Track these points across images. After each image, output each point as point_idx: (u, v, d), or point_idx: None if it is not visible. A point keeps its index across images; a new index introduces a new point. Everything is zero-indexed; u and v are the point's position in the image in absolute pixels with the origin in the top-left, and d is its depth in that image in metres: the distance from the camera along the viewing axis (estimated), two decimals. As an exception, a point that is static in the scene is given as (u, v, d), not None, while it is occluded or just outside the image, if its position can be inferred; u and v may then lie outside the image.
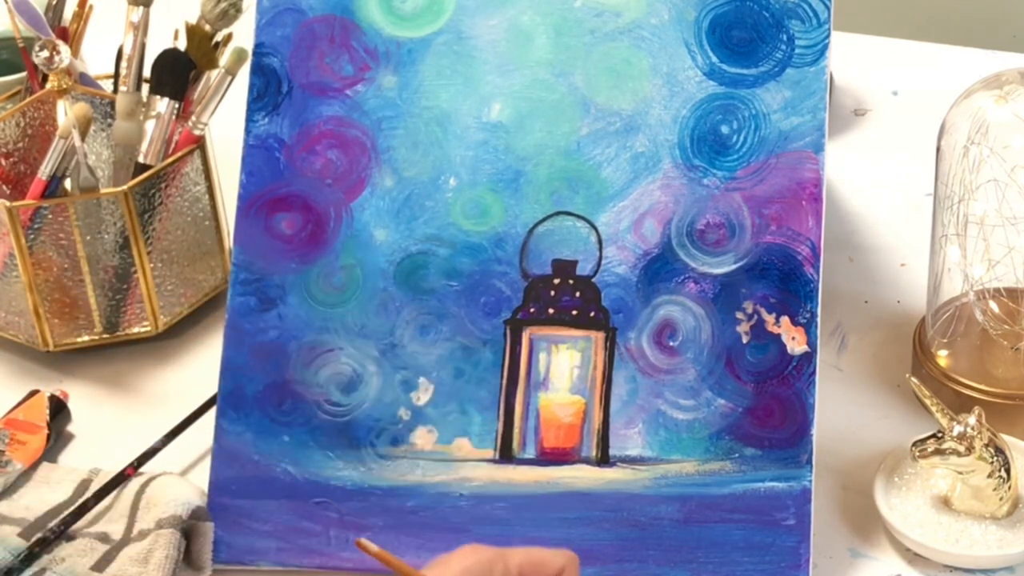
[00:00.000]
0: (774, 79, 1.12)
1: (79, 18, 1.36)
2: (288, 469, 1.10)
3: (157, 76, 1.26)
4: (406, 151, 1.14)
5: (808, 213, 1.10)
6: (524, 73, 1.14)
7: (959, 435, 1.05)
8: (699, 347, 1.09)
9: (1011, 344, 1.17)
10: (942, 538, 1.06)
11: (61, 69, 1.25)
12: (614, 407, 1.09)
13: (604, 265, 1.11)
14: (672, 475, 1.07)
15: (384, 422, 1.10)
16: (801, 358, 1.08)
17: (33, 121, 1.31)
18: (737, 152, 1.11)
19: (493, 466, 1.09)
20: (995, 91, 1.13)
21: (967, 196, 1.14)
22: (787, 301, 1.09)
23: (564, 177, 1.13)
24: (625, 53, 1.14)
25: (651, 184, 1.12)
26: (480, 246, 1.12)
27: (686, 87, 1.12)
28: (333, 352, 1.12)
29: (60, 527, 1.09)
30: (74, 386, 1.23)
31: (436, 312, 1.11)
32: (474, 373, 1.10)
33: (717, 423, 1.08)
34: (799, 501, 1.05)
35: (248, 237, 1.13)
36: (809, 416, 1.07)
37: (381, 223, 1.13)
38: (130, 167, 1.26)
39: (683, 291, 1.10)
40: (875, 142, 1.49)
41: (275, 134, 1.15)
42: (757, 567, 1.04)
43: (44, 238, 1.23)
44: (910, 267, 1.32)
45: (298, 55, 1.16)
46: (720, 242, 1.11)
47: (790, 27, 1.12)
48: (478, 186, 1.13)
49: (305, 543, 1.08)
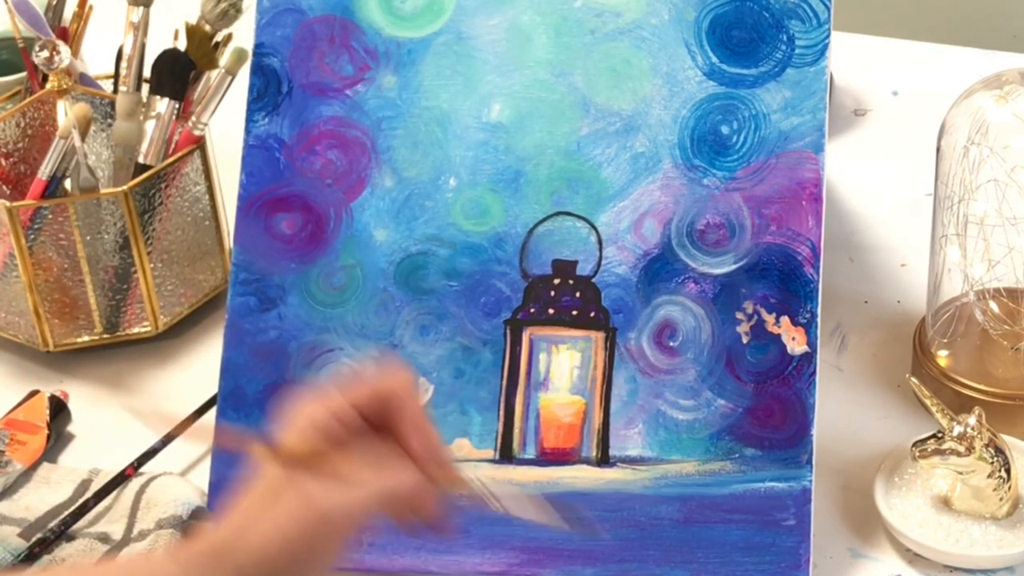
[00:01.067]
0: (774, 79, 1.12)
1: (79, 18, 1.36)
2: (288, 469, 1.10)
3: (157, 76, 1.26)
4: (406, 151, 1.14)
5: (808, 213, 1.10)
6: (524, 73, 1.14)
7: (959, 435, 1.05)
8: (699, 347, 1.09)
9: (1011, 344, 1.17)
10: (942, 538, 1.06)
11: (61, 69, 1.25)
12: (614, 407, 1.09)
13: (604, 265, 1.11)
14: (672, 475, 1.07)
15: (384, 422, 1.10)
16: (801, 358, 1.08)
17: (33, 121, 1.31)
18: (737, 152, 1.11)
19: (493, 466, 1.09)
20: (995, 91, 1.13)
21: (967, 196, 1.14)
22: (787, 301, 1.09)
23: (564, 177, 1.13)
24: (625, 53, 1.13)
25: (651, 184, 1.12)
26: (480, 246, 1.12)
27: (686, 87, 1.12)
28: (333, 352, 1.11)
29: (60, 527, 1.09)
30: (74, 386, 1.23)
31: (436, 312, 1.11)
32: (474, 373, 1.10)
33: (717, 423, 1.08)
34: (799, 501, 1.05)
35: (248, 237, 1.13)
36: (809, 416, 1.07)
37: (381, 223, 1.13)
38: (130, 167, 1.26)
39: (683, 291, 1.10)
40: (875, 142, 1.49)
41: (275, 134, 1.15)
42: (757, 567, 1.04)
43: (44, 238, 1.23)
44: (910, 267, 1.32)
45: (298, 55, 1.16)
46: (720, 242, 1.11)
47: (790, 27, 1.12)
48: (478, 186, 1.13)
49: (305, 543, 1.08)
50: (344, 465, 0.80)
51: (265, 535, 0.78)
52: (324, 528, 0.79)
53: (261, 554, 0.77)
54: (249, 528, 0.78)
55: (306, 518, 0.78)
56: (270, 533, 0.78)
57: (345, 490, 0.79)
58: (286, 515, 0.79)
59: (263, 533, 0.78)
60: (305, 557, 0.78)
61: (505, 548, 1.06)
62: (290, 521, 0.78)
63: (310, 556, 0.78)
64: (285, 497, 0.79)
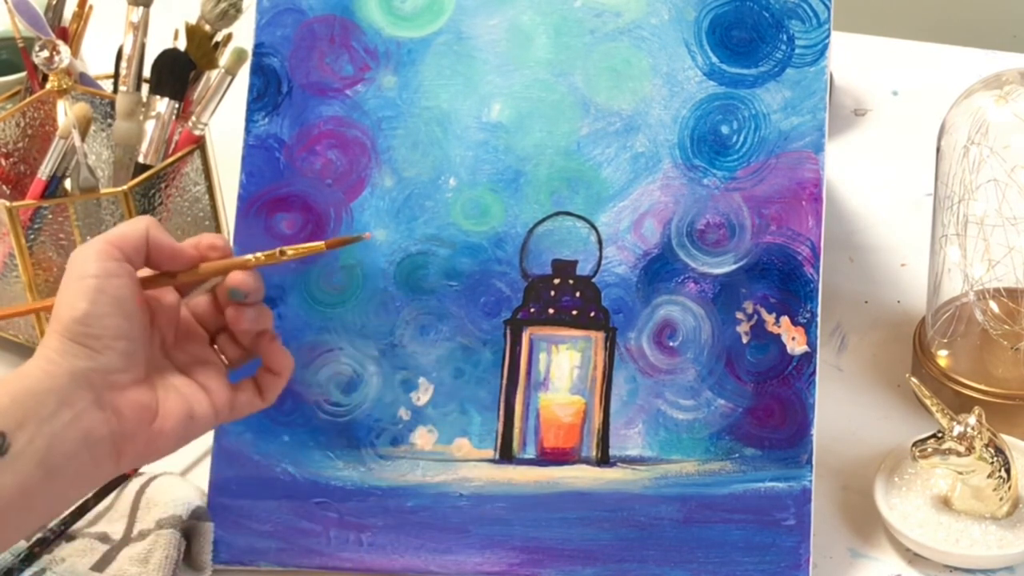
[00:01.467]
0: (774, 79, 1.12)
1: (79, 18, 1.36)
2: (288, 469, 1.10)
3: (157, 76, 1.26)
4: (406, 151, 1.14)
5: (808, 213, 1.10)
6: (524, 73, 1.14)
7: (959, 435, 1.05)
8: (699, 347, 1.09)
9: (1011, 344, 1.17)
10: (942, 538, 1.06)
11: (61, 69, 1.25)
12: (614, 407, 1.09)
13: (604, 265, 1.11)
14: (672, 475, 1.07)
15: (384, 422, 1.10)
16: (801, 358, 1.08)
17: (33, 121, 1.31)
18: (737, 152, 1.11)
19: (493, 466, 1.09)
20: (995, 91, 1.13)
21: (967, 196, 1.14)
22: (787, 301, 1.09)
23: (564, 177, 1.13)
24: (625, 53, 1.14)
25: (651, 184, 1.12)
26: (480, 246, 1.12)
27: (686, 87, 1.12)
28: (333, 352, 1.12)
29: (60, 527, 1.09)
30: (74, 386, 1.23)
31: (436, 312, 1.11)
32: (474, 373, 1.10)
33: (717, 423, 1.08)
34: (799, 501, 1.05)
35: (248, 237, 1.13)
36: (809, 416, 1.07)
37: (381, 223, 1.13)
38: (130, 167, 1.26)
39: (683, 291, 1.10)
40: (875, 142, 1.49)
41: (275, 134, 1.15)
42: (757, 567, 1.04)
43: (44, 238, 1.23)
44: (910, 267, 1.32)
45: (298, 55, 1.16)
46: (720, 242, 1.11)
47: (790, 27, 1.12)
48: (478, 186, 1.13)
49: (305, 543, 1.08)
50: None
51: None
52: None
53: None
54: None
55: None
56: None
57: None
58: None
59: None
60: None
61: (505, 548, 1.07)
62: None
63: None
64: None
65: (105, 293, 0.93)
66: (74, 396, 0.91)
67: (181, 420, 0.96)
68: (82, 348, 0.92)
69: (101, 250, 0.95)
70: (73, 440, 0.91)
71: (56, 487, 0.91)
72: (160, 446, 0.96)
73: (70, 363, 0.91)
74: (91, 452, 0.92)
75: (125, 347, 0.94)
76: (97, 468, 0.93)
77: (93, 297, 0.93)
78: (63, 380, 0.91)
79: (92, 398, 0.92)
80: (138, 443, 0.94)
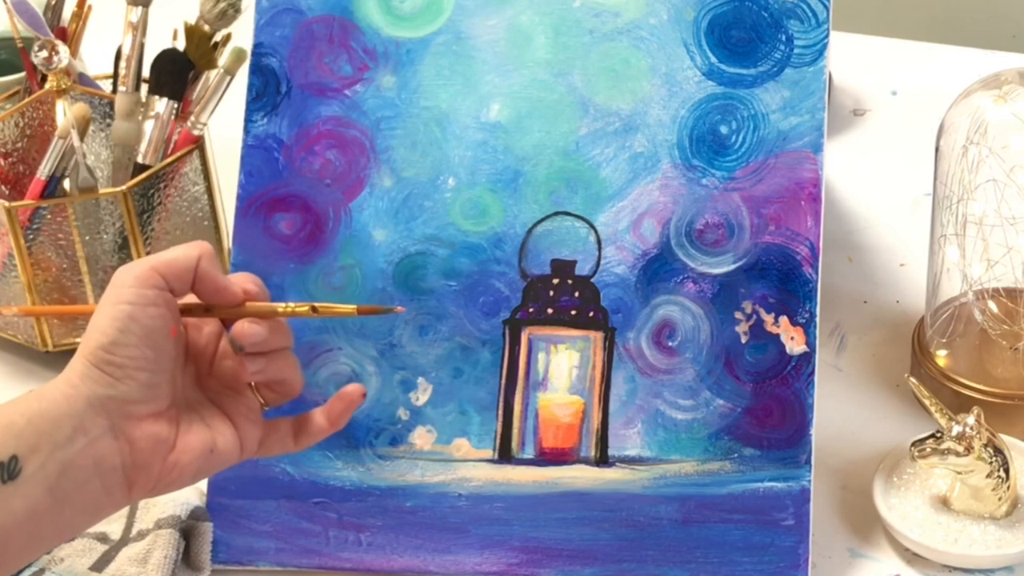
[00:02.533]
0: (773, 79, 1.12)
1: (78, 18, 1.36)
2: (287, 469, 1.10)
3: (156, 76, 1.26)
4: (405, 151, 1.14)
5: (807, 213, 1.10)
6: (523, 73, 1.14)
7: (958, 435, 1.05)
8: (698, 347, 1.09)
9: (1010, 344, 1.17)
10: (941, 538, 1.06)
11: (60, 69, 1.25)
12: (613, 407, 1.09)
13: (603, 265, 1.11)
14: (671, 475, 1.07)
15: (383, 422, 1.10)
16: (800, 358, 1.08)
17: (32, 121, 1.31)
18: (736, 152, 1.11)
19: (492, 466, 1.09)
20: (994, 91, 1.13)
21: (966, 196, 1.14)
22: (786, 301, 1.09)
23: (563, 177, 1.13)
24: (624, 53, 1.14)
25: (650, 184, 1.12)
26: (479, 246, 1.12)
27: (685, 87, 1.12)
28: (332, 352, 1.11)
29: (59, 527, 1.09)
30: (73, 386, 1.23)
31: (435, 312, 1.11)
32: (473, 373, 1.10)
33: (716, 423, 1.08)
34: (798, 501, 1.05)
35: (247, 237, 1.13)
36: (808, 416, 1.07)
37: (380, 223, 1.13)
38: (129, 167, 1.26)
39: (682, 291, 1.10)
40: (874, 142, 1.49)
41: (274, 134, 1.15)
42: (756, 567, 1.04)
43: (43, 238, 1.23)
44: (909, 267, 1.32)
45: (297, 55, 1.16)
46: (719, 242, 1.11)
47: (789, 27, 1.12)
48: (477, 186, 1.13)
49: (304, 543, 1.08)
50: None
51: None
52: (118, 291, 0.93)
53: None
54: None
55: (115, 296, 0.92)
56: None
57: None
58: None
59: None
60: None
61: (504, 548, 1.07)
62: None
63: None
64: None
65: (137, 322, 0.91)
66: (89, 423, 0.89)
67: (200, 455, 0.93)
68: (103, 375, 0.90)
69: (141, 275, 0.92)
70: (85, 467, 0.89)
71: (65, 514, 0.89)
72: (175, 479, 0.93)
73: (89, 388, 0.90)
74: (103, 480, 0.90)
75: (147, 378, 0.91)
76: (108, 497, 0.91)
77: (123, 325, 0.90)
78: (80, 405, 0.89)
79: (107, 425, 0.90)
80: (151, 475, 0.92)
